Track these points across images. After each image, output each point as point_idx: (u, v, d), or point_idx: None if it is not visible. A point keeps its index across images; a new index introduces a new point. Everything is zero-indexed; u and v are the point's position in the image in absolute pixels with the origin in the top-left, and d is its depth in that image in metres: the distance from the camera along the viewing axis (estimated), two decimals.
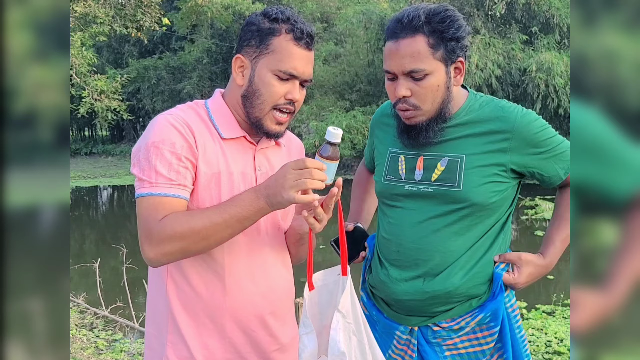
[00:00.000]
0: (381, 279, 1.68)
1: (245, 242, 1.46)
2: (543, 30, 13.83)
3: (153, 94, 22.55)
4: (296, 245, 1.59)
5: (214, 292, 1.44)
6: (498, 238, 1.63)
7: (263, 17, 1.44)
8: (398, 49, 1.52)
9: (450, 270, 1.58)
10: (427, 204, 1.60)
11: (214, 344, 1.46)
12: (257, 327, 1.48)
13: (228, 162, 1.44)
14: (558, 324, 4.52)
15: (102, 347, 4.38)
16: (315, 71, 17.56)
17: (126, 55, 24.50)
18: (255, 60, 1.43)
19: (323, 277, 1.51)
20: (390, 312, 1.69)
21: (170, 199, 1.36)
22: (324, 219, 1.40)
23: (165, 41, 23.54)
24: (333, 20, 20.18)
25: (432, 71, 1.52)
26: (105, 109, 13.45)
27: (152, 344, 1.51)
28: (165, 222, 1.33)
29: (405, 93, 1.53)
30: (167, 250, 1.32)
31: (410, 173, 1.63)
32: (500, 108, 1.60)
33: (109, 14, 13.01)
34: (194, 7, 18.70)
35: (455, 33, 1.52)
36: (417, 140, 1.59)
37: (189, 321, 1.45)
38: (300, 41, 1.42)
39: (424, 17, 1.50)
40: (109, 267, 6.25)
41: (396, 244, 1.64)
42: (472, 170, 1.56)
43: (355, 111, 15.44)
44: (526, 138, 1.56)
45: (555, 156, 1.60)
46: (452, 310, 1.61)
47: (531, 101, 12.90)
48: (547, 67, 12.42)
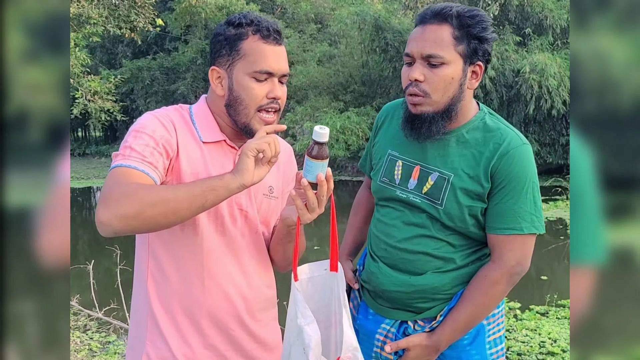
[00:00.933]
0: (371, 271, 1.72)
1: (224, 244, 1.47)
2: (536, 32, 13.89)
3: (147, 95, 22.49)
4: (284, 242, 1.55)
5: (193, 290, 1.45)
6: (485, 251, 1.66)
7: (227, 25, 1.46)
8: (423, 32, 1.55)
9: (437, 270, 1.62)
10: (415, 211, 1.64)
11: (193, 342, 1.47)
12: (235, 326, 1.50)
13: (207, 165, 1.45)
14: (552, 325, 4.53)
15: (96, 349, 4.37)
16: (309, 72, 17.68)
17: (120, 56, 24.42)
18: (230, 68, 1.45)
19: (309, 270, 1.49)
20: (376, 306, 1.71)
21: (140, 172, 1.32)
22: (315, 209, 1.38)
23: (159, 42, 23.49)
24: (327, 21, 20.21)
25: (450, 62, 1.53)
26: (98, 110, 13.42)
27: (134, 344, 1.52)
28: (126, 185, 1.28)
29: (418, 76, 1.54)
30: (122, 211, 1.22)
31: (404, 181, 1.66)
32: (500, 136, 1.57)
33: (103, 14, 12.97)
34: (188, 8, 18.69)
35: (480, 32, 1.54)
36: (419, 132, 1.59)
37: (168, 319, 1.46)
38: (268, 38, 1.44)
39: (455, 10, 1.54)
40: (103, 269, 6.22)
41: (384, 242, 1.68)
42: (456, 191, 1.57)
43: (349, 112, 15.44)
44: (505, 174, 1.54)
45: (505, 207, 1.55)
46: (437, 308, 1.64)
47: (525, 102, 12.96)
48: (540, 68, 12.47)
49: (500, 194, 1.56)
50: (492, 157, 1.55)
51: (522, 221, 1.55)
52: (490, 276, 1.58)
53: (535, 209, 1.57)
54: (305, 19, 20.76)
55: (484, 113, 1.65)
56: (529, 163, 1.56)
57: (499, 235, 1.58)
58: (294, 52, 18.73)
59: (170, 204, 1.25)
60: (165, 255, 1.46)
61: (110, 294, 4.69)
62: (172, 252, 1.45)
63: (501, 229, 1.57)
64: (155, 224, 1.26)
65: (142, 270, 1.49)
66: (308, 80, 17.44)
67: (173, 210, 1.26)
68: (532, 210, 1.56)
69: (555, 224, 8.86)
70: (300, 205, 1.37)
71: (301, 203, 1.37)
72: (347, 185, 14.60)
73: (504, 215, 1.56)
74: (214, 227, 1.46)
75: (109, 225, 1.22)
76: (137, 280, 1.52)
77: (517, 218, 1.55)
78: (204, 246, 1.44)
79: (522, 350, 4.02)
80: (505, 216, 1.56)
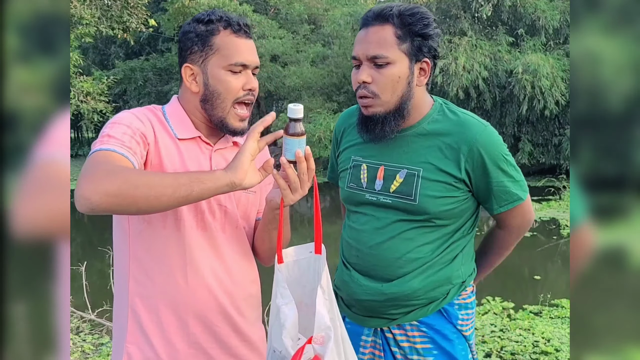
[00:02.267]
0: (344, 280, 1.71)
1: (205, 239, 1.48)
2: (529, 32, 13.94)
3: (140, 96, 22.41)
4: (269, 228, 1.54)
5: (177, 288, 1.45)
6: (460, 244, 1.66)
7: (197, 23, 1.48)
8: (367, 34, 1.57)
9: (409, 275, 1.60)
10: (386, 212, 1.63)
11: (177, 340, 1.46)
12: (220, 322, 1.50)
13: (184, 161, 1.46)
14: (545, 324, 4.55)
15: (89, 351, 4.35)
16: (302, 73, 17.67)
17: (112, 57, 24.31)
18: (204, 64, 1.47)
19: (294, 253, 1.50)
20: (351, 315, 1.71)
21: (120, 155, 1.30)
22: (298, 190, 1.39)
23: (152, 42, 23.42)
24: (321, 22, 20.20)
25: (395, 61, 1.54)
26: (91, 111, 13.37)
27: (117, 346, 1.52)
28: (110, 164, 1.26)
29: (366, 78, 1.56)
30: (105, 187, 1.18)
31: (371, 183, 1.66)
32: (461, 123, 1.60)
33: (95, 15, 12.92)
34: (180, 9, 18.62)
35: (422, 29, 1.55)
36: (374, 133, 1.60)
37: (152, 319, 1.46)
38: (239, 32, 1.47)
39: (395, 9, 1.56)
40: (96, 270, 6.20)
41: (355, 249, 1.67)
42: (428, 184, 1.58)
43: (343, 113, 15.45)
44: (479, 160, 1.57)
45: (494, 188, 1.60)
46: (412, 314, 1.63)
47: (518, 102, 13.00)
48: (533, 69, 12.52)
49: (482, 179, 1.59)
50: (458, 147, 1.57)
51: (514, 193, 1.62)
52: (501, 240, 1.76)
53: (518, 175, 1.64)
54: (298, 19, 20.75)
55: (439, 104, 1.67)
56: (497, 141, 1.60)
57: (500, 214, 1.65)
58: (287, 53, 18.72)
59: (154, 188, 1.22)
60: (147, 255, 1.46)
61: (103, 295, 4.67)
62: (154, 250, 1.45)
63: (501, 207, 1.63)
64: (134, 205, 1.21)
65: (122, 274, 1.49)
66: (301, 80, 17.43)
67: (156, 195, 1.22)
68: (517, 177, 1.63)
69: (549, 224, 8.90)
70: (283, 185, 1.38)
71: (284, 183, 1.38)
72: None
73: (496, 195, 1.61)
74: (195, 223, 1.47)
75: (87, 200, 1.18)
76: (117, 284, 1.52)
77: (508, 192, 1.61)
78: (186, 242, 1.45)
79: (515, 349, 4.03)
80: (497, 196, 1.61)
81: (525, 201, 1.66)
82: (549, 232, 8.23)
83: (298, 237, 7.34)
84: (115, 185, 1.19)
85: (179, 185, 1.24)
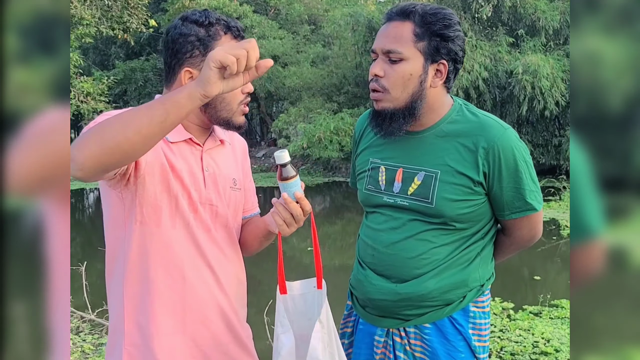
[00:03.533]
0: (359, 279, 1.71)
1: (199, 238, 1.49)
2: (529, 33, 13.94)
3: (140, 96, 22.40)
4: (260, 239, 1.63)
5: (175, 288, 1.46)
6: (478, 245, 1.64)
7: (195, 25, 1.45)
8: (386, 29, 1.58)
9: (424, 276, 1.59)
10: (403, 214, 1.63)
11: (175, 342, 1.47)
12: (217, 319, 1.51)
13: (175, 164, 1.47)
14: (545, 325, 4.55)
15: (89, 351, 4.35)
16: (302, 73, 17.68)
17: (113, 57, 24.31)
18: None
19: (300, 287, 1.56)
20: (365, 315, 1.70)
21: (106, 113, 1.31)
22: (292, 225, 1.46)
23: (152, 43, 23.40)
24: (321, 23, 20.21)
25: (409, 58, 1.54)
26: (91, 112, 13.38)
27: (113, 348, 1.53)
28: (93, 126, 1.24)
29: (378, 72, 1.56)
30: (88, 148, 1.18)
31: (389, 185, 1.65)
32: (481, 124, 1.58)
33: (95, 15, 12.93)
34: (181, 9, 18.62)
35: (441, 29, 1.54)
36: (382, 128, 1.60)
37: (151, 321, 1.46)
38: (238, 37, 1.48)
39: (419, 7, 1.55)
40: (96, 270, 6.19)
41: (372, 248, 1.67)
42: (445, 186, 1.57)
43: (343, 113, 15.45)
44: (497, 162, 1.55)
45: (509, 193, 1.58)
46: (426, 316, 1.62)
47: (518, 103, 13.00)
48: (533, 70, 12.51)
49: (498, 183, 1.56)
50: (477, 149, 1.55)
51: (529, 202, 1.59)
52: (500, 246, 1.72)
53: (535, 187, 1.60)
54: (298, 20, 20.76)
55: (459, 105, 1.65)
56: (517, 145, 1.57)
57: (509, 220, 1.63)
58: (287, 53, 18.73)
59: (130, 124, 1.18)
60: (143, 256, 1.46)
61: (103, 295, 4.65)
62: (149, 251, 1.46)
63: (513, 213, 1.60)
64: (120, 150, 1.19)
65: (117, 275, 1.51)
66: (301, 81, 17.44)
67: (134, 130, 1.18)
68: (533, 187, 1.59)
69: (549, 224, 8.89)
70: (280, 222, 1.45)
71: (280, 219, 1.45)
72: (340, 186, 14.57)
73: (509, 200, 1.58)
74: (188, 223, 1.48)
75: (81, 164, 1.18)
76: (111, 287, 1.54)
77: (522, 200, 1.58)
78: (181, 241, 1.47)
79: (515, 350, 4.03)
80: (510, 201, 1.58)
81: (537, 213, 1.62)
82: (549, 233, 8.22)
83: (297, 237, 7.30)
84: (96, 143, 1.18)
85: (153, 113, 1.19)
